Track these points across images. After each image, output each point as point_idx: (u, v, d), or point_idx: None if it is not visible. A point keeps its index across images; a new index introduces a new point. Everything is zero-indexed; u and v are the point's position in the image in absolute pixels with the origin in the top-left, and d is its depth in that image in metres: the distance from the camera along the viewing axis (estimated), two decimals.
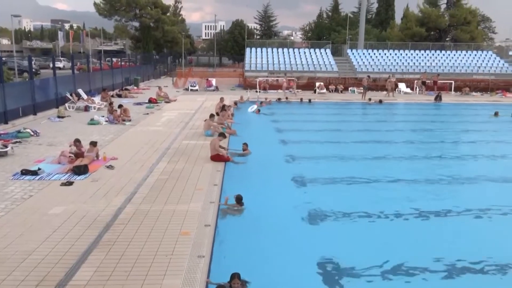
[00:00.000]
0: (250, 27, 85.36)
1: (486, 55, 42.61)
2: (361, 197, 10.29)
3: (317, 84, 34.40)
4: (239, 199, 8.90)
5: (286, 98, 28.78)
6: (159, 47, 66.10)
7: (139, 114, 20.60)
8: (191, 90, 33.74)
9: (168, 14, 68.74)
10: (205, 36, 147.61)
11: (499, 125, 21.27)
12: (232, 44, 79.54)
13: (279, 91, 33.02)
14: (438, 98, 29.91)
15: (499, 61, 41.39)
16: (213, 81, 35.60)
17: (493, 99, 31.86)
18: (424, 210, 9.22)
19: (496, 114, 23.12)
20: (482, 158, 14.54)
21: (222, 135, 13.42)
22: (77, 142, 11.99)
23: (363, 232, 8.32)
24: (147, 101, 25.17)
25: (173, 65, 63.96)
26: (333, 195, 10.41)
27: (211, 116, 16.85)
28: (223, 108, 19.34)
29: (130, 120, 18.53)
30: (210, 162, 12.04)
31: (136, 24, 63.99)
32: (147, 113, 21.17)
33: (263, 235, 7.92)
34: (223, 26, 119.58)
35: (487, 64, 40.63)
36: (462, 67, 39.80)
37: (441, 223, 8.82)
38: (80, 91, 23.09)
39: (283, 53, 41.20)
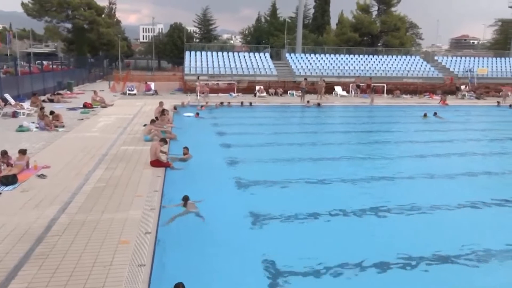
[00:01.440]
0: (189, 31, 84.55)
1: (414, 60, 45.22)
2: (302, 198, 10.51)
3: (257, 87, 34.79)
4: (185, 199, 9.13)
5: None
6: (94, 50, 63.71)
7: (73, 120, 19.70)
8: (129, 94, 32.80)
9: (103, 15, 66.47)
10: (143, 39, 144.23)
11: (428, 125, 22.64)
12: (171, 47, 78.36)
13: (220, 94, 33.01)
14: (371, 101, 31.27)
15: (426, 65, 44.09)
16: (152, 85, 34.87)
17: (421, 101, 33.86)
18: (362, 208, 9.59)
19: (425, 115, 24.59)
20: (414, 157, 15.38)
21: (162, 140, 13.17)
22: (4, 154, 10.88)
23: (305, 232, 8.51)
24: (81, 106, 24.13)
25: (110, 69, 61.90)
26: (274, 197, 10.56)
27: (152, 121, 16.50)
28: (163, 112, 18.99)
29: (63, 126, 17.66)
30: (150, 167, 11.76)
31: (69, 25, 61.26)
32: (82, 119, 20.30)
33: (206, 239, 7.86)
34: (162, 29, 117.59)
35: (415, 68, 43.12)
36: (393, 71, 41.94)
37: (379, 221, 9.20)
38: (7, 96, 21.69)
39: (223, 56, 41.23)
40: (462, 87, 38.87)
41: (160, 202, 9.16)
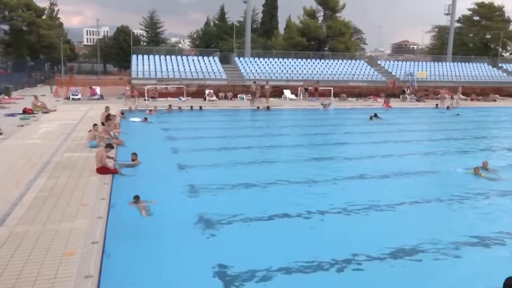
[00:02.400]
0: (136, 34, 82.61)
1: (359, 64, 46.82)
2: (253, 201, 10.56)
3: (207, 91, 34.60)
4: (136, 197, 9.45)
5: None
6: (35, 53, 60.72)
7: (13, 127, 18.66)
8: (73, 99, 31.53)
9: (44, 17, 63.54)
10: (87, 42, 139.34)
11: (374, 127, 23.49)
12: (117, 50, 76.15)
13: (169, 98, 32.53)
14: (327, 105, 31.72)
15: (370, 69, 45.79)
16: (98, 90, 33.72)
17: (366, 104, 35.09)
18: (309, 210, 9.77)
19: (371, 118, 25.51)
20: (363, 158, 15.88)
21: (108, 146, 12.77)
22: None
23: (257, 235, 8.55)
24: (21, 111, 22.91)
25: (52, 73, 59.22)
26: (226, 201, 10.53)
27: (95, 125, 15.94)
28: (109, 117, 18.41)
29: (1, 134, 16.69)
30: (96, 175, 11.36)
31: (6, 27, 58.00)
32: (22, 125, 19.27)
33: (156, 246, 7.69)
34: (107, 31, 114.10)
35: (360, 72, 44.65)
36: (340, 74, 43.20)
37: (329, 220, 9.41)
38: None
39: (171, 60, 40.64)
40: (404, 90, 40.65)
41: (107, 210, 8.86)
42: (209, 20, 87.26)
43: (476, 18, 69.99)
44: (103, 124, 17.33)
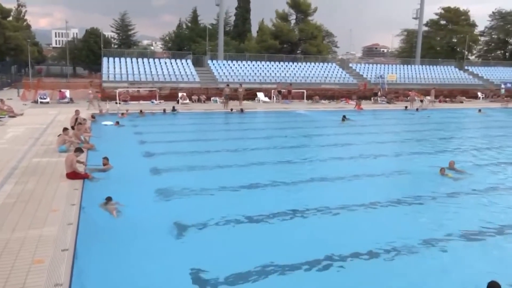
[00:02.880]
0: (106, 36, 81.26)
1: (331, 67, 47.46)
2: (226, 205, 10.52)
3: (180, 94, 34.36)
4: (107, 198, 9.52)
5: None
6: (0, 55, 58.92)
7: None
8: (41, 102, 30.73)
9: (10, 18, 61.78)
10: (56, 44, 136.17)
11: (347, 129, 23.84)
12: (87, 53, 74.77)
13: (141, 101, 32.10)
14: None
15: (342, 72, 46.48)
16: (67, 93, 32.95)
17: (338, 106, 35.58)
18: (286, 211, 9.84)
19: (343, 119, 25.85)
20: (335, 159, 16.09)
21: (78, 150, 12.49)
22: None
23: (231, 238, 8.53)
24: None
25: (19, 76, 57.59)
26: (199, 205, 10.46)
27: (65, 129, 15.58)
28: (78, 121, 18.02)
29: None
30: (66, 180, 11.11)
31: None
32: None
33: (128, 252, 7.57)
34: (76, 33, 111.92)
35: (332, 74, 45.25)
36: (312, 77, 43.66)
37: (302, 222, 9.48)
38: None
39: (143, 63, 40.17)
40: (375, 92, 41.45)
41: (78, 216, 8.67)
42: (182, 22, 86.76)
43: (443, 22, 72.28)
44: (73, 128, 16.96)
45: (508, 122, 29.61)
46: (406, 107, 35.12)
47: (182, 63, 41.70)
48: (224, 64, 43.32)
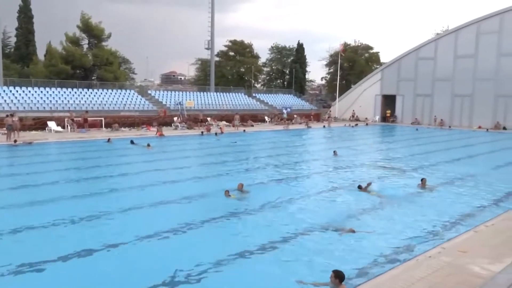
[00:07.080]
0: None
1: (129, 94, 46.76)
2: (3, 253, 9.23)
3: None
4: None
5: None
6: None
7: None
8: None
9: None
10: None
11: (145, 156, 23.70)
12: None
13: None
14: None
15: (141, 99, 46.29)
16: None
17: (140, 133, 35.20)
18: (82, 247, 9.17)
19: (148, 145, 26.18)
20: (134, 188, 15.75)
21: None
22: None
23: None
24: None
25: None
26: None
27: None
28: None
29: None
30: None
31: None
32: None
33: None
34: None
35: (131, 101, 44.61)
36: (110, 104, 42.18)
37: (100, 257, 8.97)
38: None
39: None
40: (175, 118, 42.55)
41: None
42: None
43: (231, 53, 79.50)
44: None
45: (290, 142, 33.94)
46: (202, 132, 37.03)
47: None
48: (4, 91, 38.22)
